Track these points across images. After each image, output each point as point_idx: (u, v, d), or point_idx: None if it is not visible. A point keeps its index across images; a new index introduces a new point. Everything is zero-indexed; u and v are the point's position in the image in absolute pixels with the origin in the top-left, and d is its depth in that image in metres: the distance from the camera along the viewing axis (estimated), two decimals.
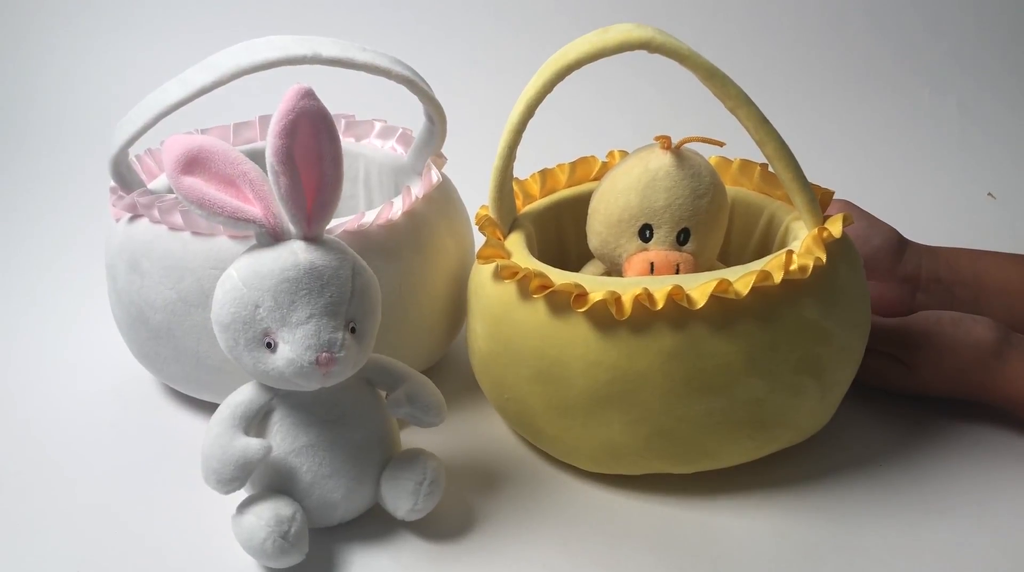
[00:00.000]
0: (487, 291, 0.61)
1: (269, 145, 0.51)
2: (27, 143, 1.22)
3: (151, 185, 0.70)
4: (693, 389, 0.56)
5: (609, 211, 0.62)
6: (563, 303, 0.56)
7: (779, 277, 0.55)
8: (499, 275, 0.59)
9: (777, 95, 1.21)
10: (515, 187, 0.68)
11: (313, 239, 0.54)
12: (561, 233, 0.71)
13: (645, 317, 0.55)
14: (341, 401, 0.56)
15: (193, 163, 0.52)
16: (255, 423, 0.56)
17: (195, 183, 0.52)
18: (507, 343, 0.60)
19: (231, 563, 0.56)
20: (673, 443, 0.58)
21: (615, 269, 0.64)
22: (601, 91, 1.21)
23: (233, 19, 1.30)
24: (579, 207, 0.68)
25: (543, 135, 0.75)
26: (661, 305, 0.54)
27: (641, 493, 0.61)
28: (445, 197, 0.72)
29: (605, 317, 0.55)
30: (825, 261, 0.56)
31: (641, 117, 1.21)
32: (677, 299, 0.54)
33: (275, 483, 0.56)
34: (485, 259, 0.61)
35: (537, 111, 0.59)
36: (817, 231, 0.58)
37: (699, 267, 0.62)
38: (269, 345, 0.52)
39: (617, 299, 0.54)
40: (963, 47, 1.31)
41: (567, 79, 0.58)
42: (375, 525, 0.59)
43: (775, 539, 0.58)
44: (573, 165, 0.71)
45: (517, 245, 0.63)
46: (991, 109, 1.24)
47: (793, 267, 0.56)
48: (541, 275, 0.57)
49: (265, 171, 0.53)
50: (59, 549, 0.58)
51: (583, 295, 0.55)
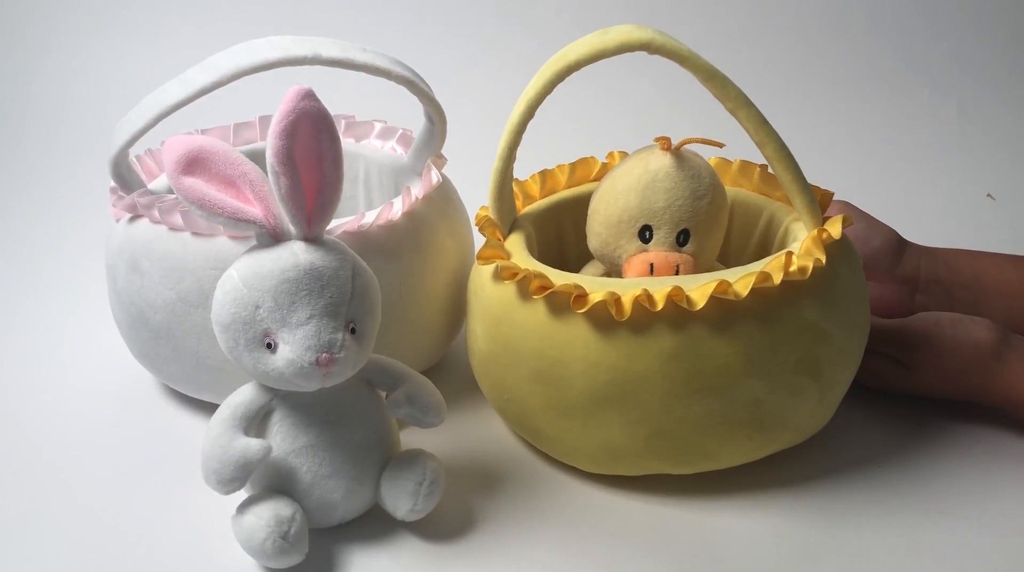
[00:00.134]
0: (487, 292, 0.61)
1: (269, 146, 0.52)
2: (27, 143, 1.22)
3: (151, 185, 0.70)
4: (693, 390, 0.56)
5: (609, 212, 0.62)
6: (563, 304, 0.56)
7: (779, 278, 0.55)
8: (499, 276, 0.59)
9: (777, 96, 1.21)
10: (515, 188, 0.68)
11: (313, 240, 0.54)
12: (561, 234, 0.71)
13: (645, 318, 0.55)
14: (341, 402, 0.56)
15: (193, 163, 0.52)
16: (255, 423, 0.56)
17: (195, 183, 0.52)
18: (507, 344, 0.60)
19: (231, 563, 0.56)
20: (673, 444, 0.58)
21: (615, 270, 0.64)
22: (601, 92, 1.21)
23: (233, 19, 1.30)
24: (579, 208, 0.68)
25: (543, 136, 0.75)
26: (661, 306, 0.54)
27: (641, 494, 0.61)
28: (445, 198, 0.72)
29: (605, 318, 0.55)
30: (825, 262, 0.56)
31: (641, 118, 1.21)
32: (677, 300, 0.54)
33: (275, 483, 0.56)
34: (485, 260, 0.61)
35: (537, 112, 0.59)
36: (817, 232, 0.58)
37: (699, 268, 0.62)
38: (269, 346, 0.52)
39: (617, 300, 0.54)
40: (963, 48, 1.31)
41: (567, 80, 0.58)
42: (375, 525, 0.59)
43: (775, 540, 0.58)
44: (573, 166, 0.71)
45: (517, 246, 0.63)
46: (991, 110, 1.24)
47: (793, 268, 0.56)
48: (541, 276, 0.57)
49: (265, 172, 0.53)
50: (58, 549, 0.58)
51: (583, 296, 0.55)
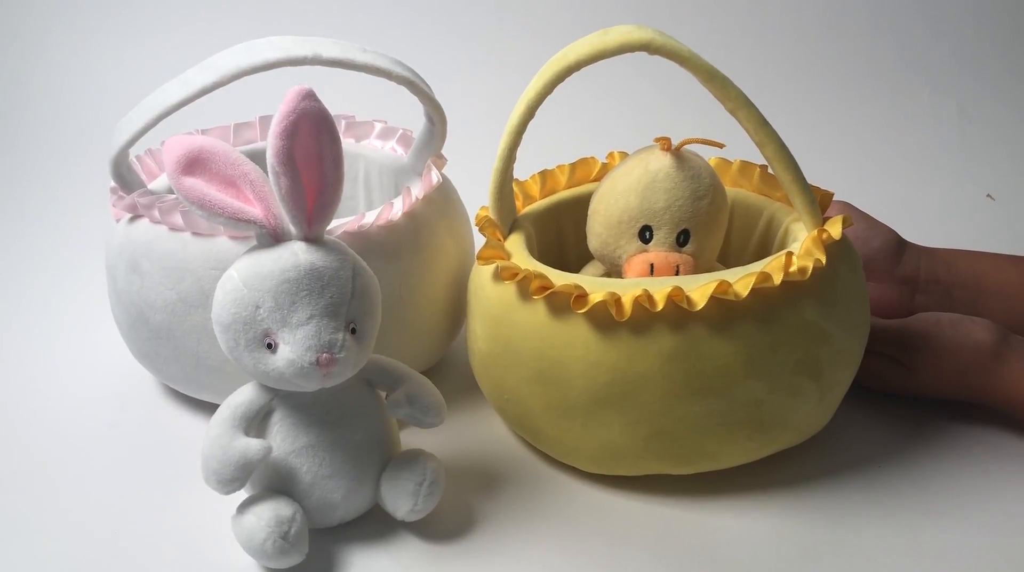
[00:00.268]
0: (487, 292, 0.61)
1: (270, 146, 0.52)
2: (27, 143, 1.22)
3: (151, 185, 0.70)
4: (693, 390, 0.56)
5: (609, 212, 0.62)
6: (563, 304, 0.56)
7: (779, 278, 0.55)
8: (499, 276, 0.59)
9: (777, 97, 1.21)
10: (515, 188, 0.68)
11: (313, 240, 0.54)
12: (561, 234, 0.71)
13: (645, 318, 0.55)
14: (341, 402, 0.56)
15: (194, 164, 0.52)
16: (255, 424, 0.56)
17: (195, 184, 0.52)
18: (507, 344, 0.60)
19: (231, 563, 0.56)
20: (673, 444, 0.58)
21: (615, 270, 0.64)
22: (601, 92, 1.21)
23: (234, 19, 1.30)
24: (579, 208, 0.68)
25: (543, 136, 0.75)
26: (661, 306, 0.54)
27: (640, 494, 0.61)
28: (445, 198, 0.72)
29: (605, 318, 0.55)
30: (825, 263, 0.57)
31: (641, 118, 1.21)
32: (677, 300, 0.54)
33: (275, 484, 0.56)
34: (485, 260, 0.61)
35: (537, 112, 0.59)
36: (817, 233, 0.58)
37: (699, 268, 0.62)
38: (269, 346, 0.52)
39: (617, 300, 0.54)
40: (963, 49, 1.31)
41: (568, 80, 0.58)
42: (375, 526, 0.59)
43: (774, 540, 0.58)
44: (573, 166, 0.71)
45: (517, 246, 0.63)
46: (990, 111, 1.24)
47: (793, 269, 0.56)
48: (541, 276, 0.57)
49: (266, 172, 0.53)
50: (58, 549, 0.58)
51: (583, 296, 0.55)
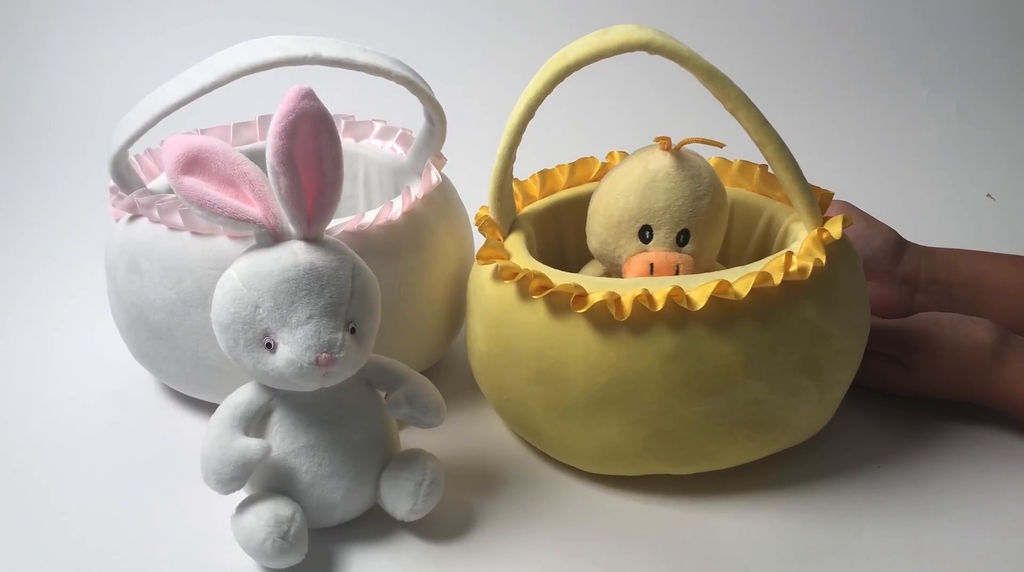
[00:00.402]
0: (487, 292, 0.61)
1: (269, 145, 0.51)
2: (26, 143, 1.22)
3: (151, 185, 0.70)
4: (692, 390, 0.56)
5: (609, 212, 0.62)
6: (563, 304, 0.56)
7: (779, 278, 0.55)
8: (499, 276, 0.59)
9: (777, 96, 1.21)
10: (515, 188, 0.68)
11: (313, 240, 0.54)
12: (561, 234, 0.71)
13: (645, 318, 0.55)
14: (341, 402, 0.56)
15: (193, 163, 0.52)
16: (255, 423, 0.56)
17: (195, 183, 0.52)
18: (506, 344, 0.60)
19: (230, 563, 0.56)
20: (672, 444, 0.58)
21: (615, 270, 0.64)
22: (601, 92, 1.21)
23: (233, 19, 1.30)
24: (579, 208, 0.68)
25: (543, 136, 0.75)
26: (661, 306, 0.54)
27: (640, 494, 0.61)
28: (445, 198, 0.72)
29: (605, 318, 0.55)
30: (825, 262, 0.56)
31: (641, 118, 1.21)
32: (677, 300, 0.54)
33: (274, 483, 0.56)
34: (485, 260, 0.61)
35: (537, 112, 0.59)
36: (817, 232, 0.58)
37: (699, 268, 0.62)
38: (269, 345, 0.52)
39: (617, 300, 0.54)
40: (962, 49, 1.31)
41: (567, 80, 0.58)
42: (374, 525, 0.59)
43: (774, 540, 0.58)
44: (573, 166, 0.71)
45: (517, 246, 0.63)
46: (990, 111, 1.24)
47: (792, 268, 0.56)
48: (541, 276, 0.57)
49: (265, 171, 0.53)
50: (58, 549, 0.58)
51: (583, 296, 0.55)
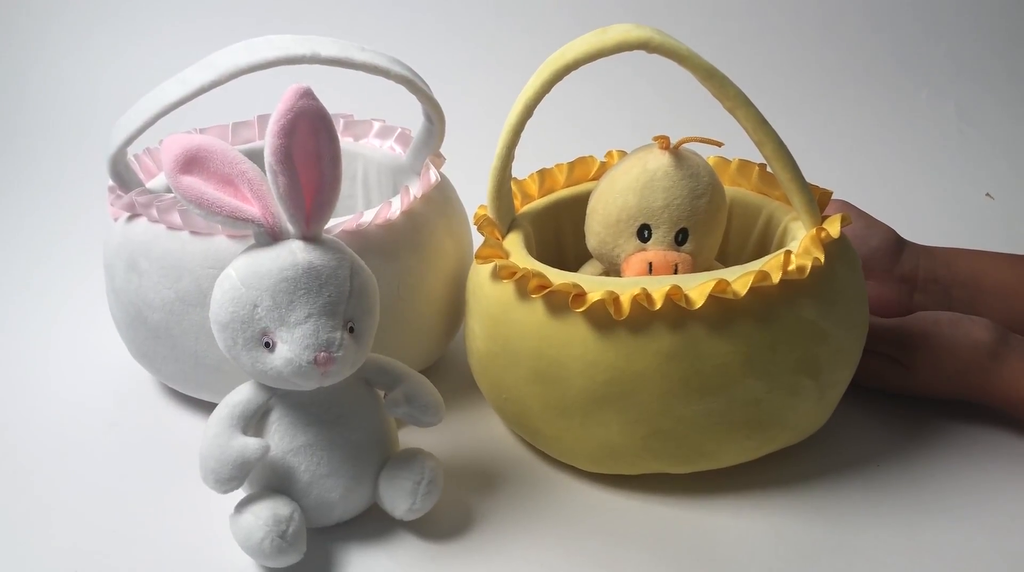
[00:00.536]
0: (485, 291, 0.61)
1: (268, 144, 0.51)
2: (25, 142, 1.22)
3: (149, 184, 0.70)
4: (691, 389, 0.56)
5: (607, 211, 0.62)
6: (561, 303, 0.56)
7: (777, 277, 0.55)
8: (497, 275, 0.59)
9: (776, 96, 1.21)
10: (513, 187, 0.68)
11: (311, 239, 0.54)
12: (559, 233, 0.71)
13: (643, 317, 0.55)
14: (339, 401, 0.56)
15: (192, 162, 0.52)
16: (253, 422, 0.56)
17: (193, 182, 0.52)
18: (505, 343, 0.60)
19: (229, 562, 0.56)
20: (671, 443, 0.58)
21: (613, 269, 0.64)
22: (600, 91, 1.21)
23: (232, 18, 1.30)
24: (577, 207, 0.68)
25: (541, 135, 0.75)
26: (659, 305, 0.54)
27: (639, 493, 0.61)
28: (443, 197, 0.72)
29: (603, 317, 0.55)
30: (823, 261, 0.56)
31: (639, 117, 1.21)
32: (675, 299, 0.54)
33: (273, 483, 0.56)
34: (483, 259, 0.61)
35: (536, 111, 0.59)
36: (815, 231, 0.58)
37: (697, 267, 0.62)
38: (267, 345, 0.52)
39: (615, 299, 0.54)
40: (961, 50, 1.31)
41: (566, 79, 0.58)
42: (373, 525, 0.59)
43: (773, 539, 0.58)
44: (571, 165, 0.71)
45: (515, 245, 0.63)
46: (989, 111, 1.24)
47: (791, 267, 0.56)
48: (539, 275, 0.57)
49: (264, 171, 0.53)
50: (56, 548, 0.58)
51: (581, 295, 0.55)
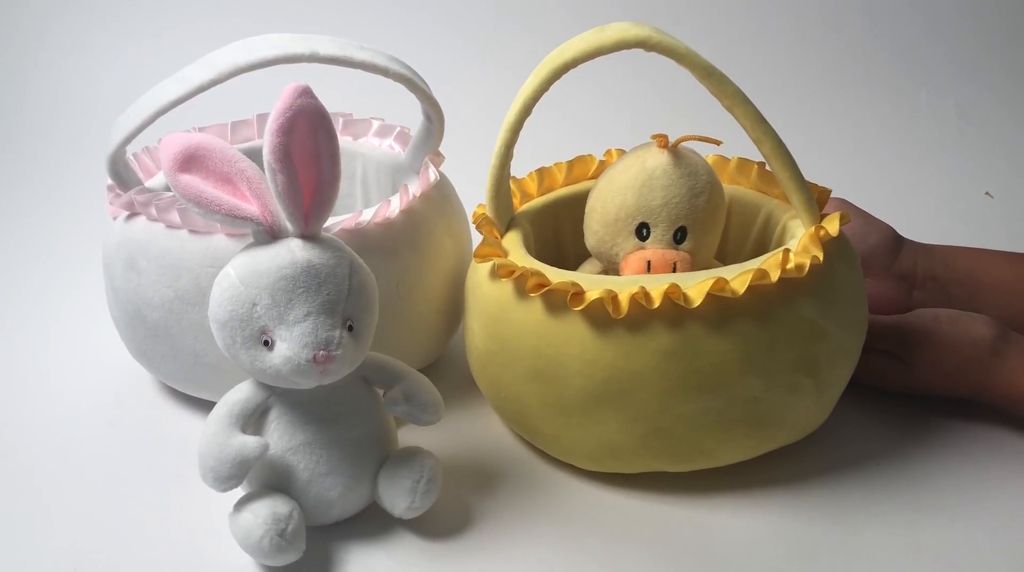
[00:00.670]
0: (484, 290, 0.61)
1: (266, 142, 0.51)
2: (24, 141, 1.22)
3: (148, 183, 0.70)
4: (690, 388, 0.56)
5: (606, 210, 0.62)
6: (560, 302, 0.56)
7: (776, 276, 0.55)
8: (496, 273, 0.59)
9: (775, 94, 1.21)
10: (512, 186, 0.68)
11: (310, 237, 0.54)
12: (558, 232, 0.71)
13: (642, 316, 0.55)
14: (338, 399, 0.56)
15: (190, 161, 0.52)
16: (252, 421, 0.56)
17: (192, 181, 0.52)
18: (504, 342, 0.60)
19: (228, 561, 0.56)
20: (670, 442, 0.58)
21: (612, 268, 0.64)
22: (598, 90, 1.21)
23: (231, 17, 1.30)
24: (576, 206, 0.68)
25: (540, 134, 0.75)
26: (658, 304, 0.54)
27: (638, 491, 0.61)
28: (443, 196, 0.72)
29: (602, 316, 0.55)
30: (822, 260, 0.57)
31: (638, 116, 1.21)
32: (674, 298, 0.54)
33: (272, 481, 0.56)
34: (482, 258, 0.61)
35: (534, 110, 0.59)
36: (814, 230, 0.58)
37: (696, 266, 0.62)
38: (266, 343, 0.52)
39: (614, 298, 0.54)
40: (961, 48, 1.31)
41: (564, 78, 0.58)
42: (372, 523, 0.59)
43: (772, 537, 0.58)
44: (570, 164, 0.71)
45: (514, 244, 0.63)
46: (988, 110, 1.24)
47: (790, 266, 0.56)
48: (538, 273, 0.57)
49: (263, 169, 0.53)
50: (56, 548, 0.58)
51: (580, 293, 0.55)
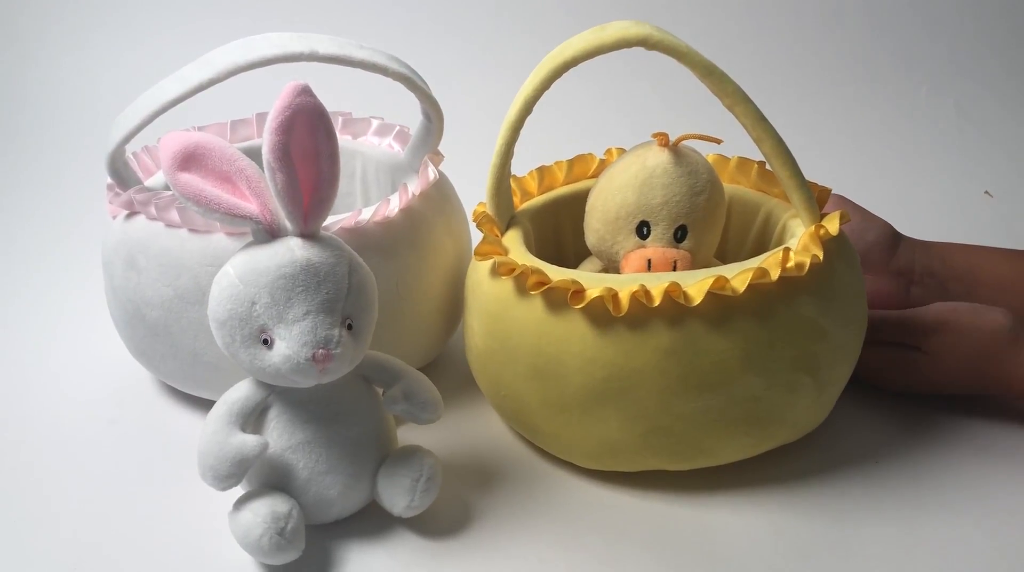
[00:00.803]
0: (484, 288, 0.61)
1: (265, 141, 0.51)
2: (23, 140, 1.22)
3: (148, 182, 0.70)
4: (690, 386, 0.56)
5: (606, 208, 0.62)
6: (560, 300, 0.56)
7: (776, 274, 0.55)
8: (496, 271, 0.59)
9: (775, 93, 1.21)
10: (513, 184, 0.68)
11: (310, 236, 0.54)
12: (559, 230, 0.71)
13: (642, 314, 0.55)
14: (338, 398, 0.56)
15: (190, 160, 0.52)
16: (251, 420, 0.56)
17: (192, 180, 0.52)
18: (504, 340, 0.60)
19: (228, 560, 0.56)
20: (670, 440, 0.58)
21: (612, 266, 0.64)
22: (599, 88, 1.21)
23: (231, 16, 1.30)
24: (577, 204, 0.68)
25: (541, 132, 0.75)
26: (658, 302, 0.54)
27: (638, 490, 0.61)
28: (442, 194, 0.72)
29: (602, 314, 0.55)
30: (822, 259, 0.57)
31: (639, 114, 1.21)
32: (674, 296, 0.54)
33: (271, 480, 0.56)
34: (482, 256, 0.61)
35: (535, 108, 0.59)
36: (814, 229, 0.58)
37: (696, 264, 0.62)
38: (265, 342, 0.52)
39: (614, 296, 0.54)
40: (961, 47, 1.31)
41: (565, 76, 0.58)
42: (372, 522, 0.59)
43: (772, 536, 0.58)
44: (571, 162, 0.71)
45: (515, 242, 0.63)
46: (988, 108, 1.24)
47: (790, 265, 0.56)
48: (538, 271, 0.57)
49: (262, 168, 0.53)
50: (55, 547, 0.58)
51: (580, 291, 0.55)
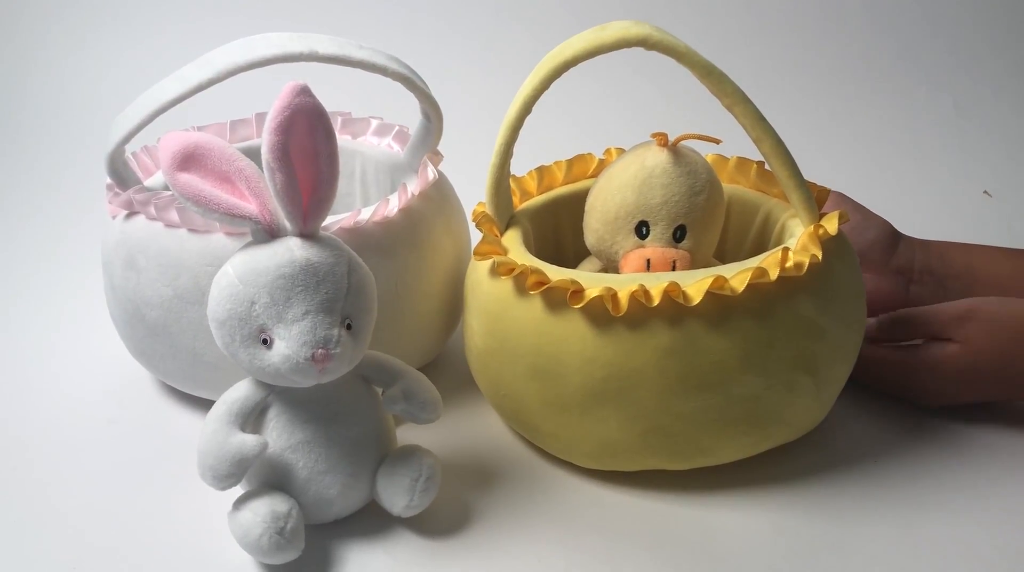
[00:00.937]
0: (484, 288, 0.61)
1: (265, 141, 0.51)
2: (23, 140, 1.22)
3: (147, 182, 0.70)
4: (689, 386, 0.56)
5: (606, 208, 0.62)
6: (559, 299, 0.56)
7: (775, 274, 0.55)
8: (496, 271, 0.59)
9: (774, 93, 1.21)
10: (512, 184, 0.68)
11: (309, 236, 0.54)
12: (558, 230, 0.71)
13: (641, 314, 0.55)
14: (337, 398, 0.56)
15: (189, 160, 0.52)
16: (251, 419, 0.56)
17: (191, 180, 0.52)
18: (503, 339, 0.60)
19: (227, 559, 0.56)
20: (669, 440, 0.58)
21: (612, 266, 0.64)
22: (598, 88, 1.21)
23: (230, 16, 1.30)
24: (576, 204, 0.68)
25: (540, 132, 0.75)
26: (657, 302, 0.54)
27: (637, 489, 0.61)
28: (441, 194, 0.72)
29: (601, 313, 0.55)
30: (821, 258, 0.57)
31: (638, 114, 1.21)
32: (673, 296, 0.54)
33: (271, 479, 0.56)
34: (482, 255, 0.61)
35: (534, 108, 0.59)
36: (813, 228, 0.58)
37: (695, 264, 0.62)
38: (265, 342, 0.52)
39: (613, 295, 0.54)
40: (960, 45, 1.31)
41: (564, 76, 0.58)
42: (371, 521, 0.59)
43: (771, 535, 0.58)
44: (570, 162, 0.71)
45: (514, 242, 0.63)
46: (987, 107, 1.24)
47: (789, 264, 0.56)
48: (537, 271, 0.57)
49: (262, 168, 0.53)
50: (55, 547, 0.58)
51: (579, 291, 0.55)
